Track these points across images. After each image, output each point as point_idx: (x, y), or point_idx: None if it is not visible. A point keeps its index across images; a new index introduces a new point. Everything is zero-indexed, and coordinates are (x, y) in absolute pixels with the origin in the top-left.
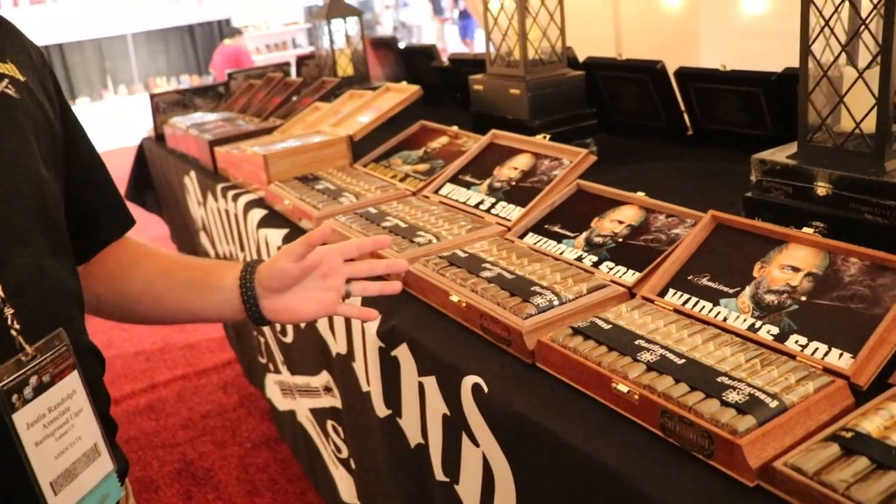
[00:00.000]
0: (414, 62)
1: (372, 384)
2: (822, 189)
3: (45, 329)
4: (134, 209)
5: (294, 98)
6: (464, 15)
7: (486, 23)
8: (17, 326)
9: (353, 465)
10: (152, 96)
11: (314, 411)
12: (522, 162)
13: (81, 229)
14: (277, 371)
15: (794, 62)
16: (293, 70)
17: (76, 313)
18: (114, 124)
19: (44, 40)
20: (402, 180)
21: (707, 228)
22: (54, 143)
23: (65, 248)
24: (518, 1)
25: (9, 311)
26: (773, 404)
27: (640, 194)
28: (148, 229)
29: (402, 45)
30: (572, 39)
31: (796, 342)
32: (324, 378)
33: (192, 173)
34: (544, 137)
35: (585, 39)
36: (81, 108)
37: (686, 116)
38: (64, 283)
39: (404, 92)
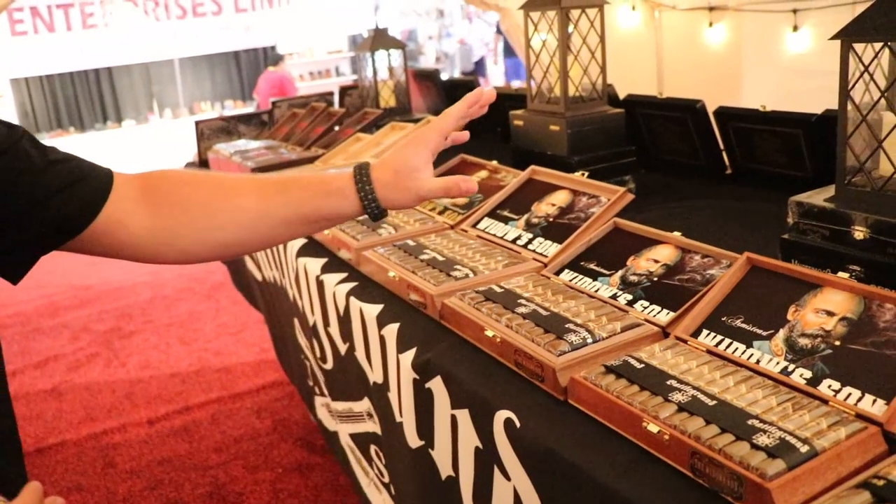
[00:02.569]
0: (456, 95)
1: (405, 415)
2: (859, 233)
3: None
4: None
5: (336, 128)
6: (509, 51)
7: (527, 59)
8: None
9: (392, 491)
10: (197, 123)
11: (355, 436)
12: (560, 198)
13: (47, 213)
14: (323, 394)
15: (837, 101)
16: (336, 99)
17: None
18: (159, 148)
19: (93, 63)
20: (440, 213)
21: (742, 270)
22: None
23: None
24: (560, 39)
25: None
26: (804, 449)
27: (676, 234)
28: None
29: (444, 76)
30: (613, 77)
31: (829, 387)
32: (366, 404)
33: None
34: (582, 175)
35: (627, 76)
36: (127, 132)
37: (725, 155)
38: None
39: None
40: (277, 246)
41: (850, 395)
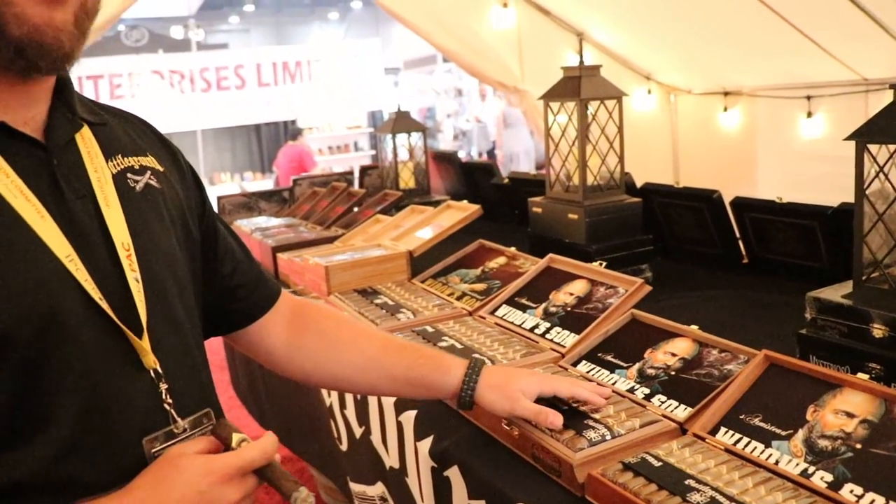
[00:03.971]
0: (474, 177)
1: (426, 500)
2: (878, 331)
3: (192, 407)
4: None
5: (356, 209)
6: None
7: (546, 147)
8: (169, 401)
9: None
10: (220, 198)
11: None
12: (578, 288)
13: (230, 304)
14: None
15: (853, 188)
16: (356, 178)
17: (215, 395)
18: None
19: None
20: (458, 298)
21: (760, 367)
22: (188, 229)
23: (199, 331)
24: (579, 130)
25: (163, 386)
26: None
27: (694, 328)
28: None
29: (461, 155)
30: (629, 159)
31: (851, 492)
32: (380, 488)
33: None
34: (600, 265)
35: (642, 159)
36: None
37: (742, 244)
38: (206, 365)
39: (464, 210)
40: None
41: (873, 501)
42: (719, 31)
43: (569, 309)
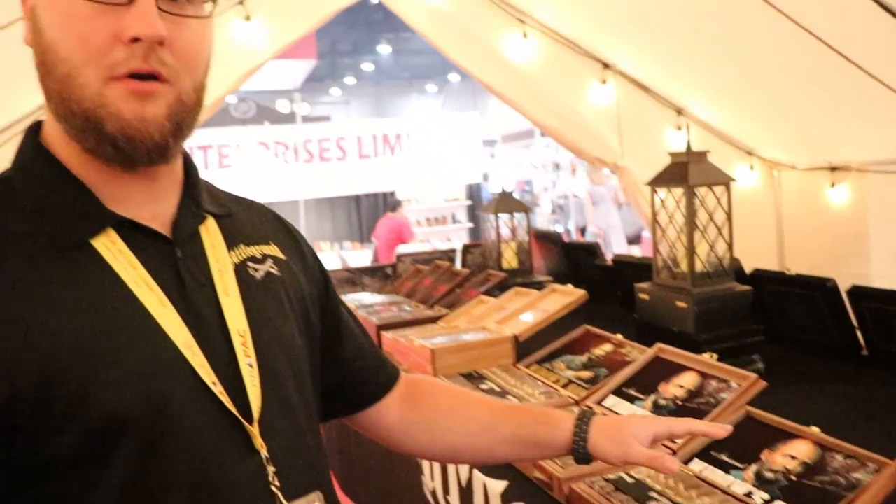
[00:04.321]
0: (576, 258)
1: None
2: None
3: (301, 490)
4: None
5: (458, 290)
6: None
7: (654, 233)
8: (277, 484)
9: None
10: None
11: None
12: (688, 380)
13: (351, 388)
14: None
15: None
16: (458, 255)
17: (328, 478)
18: None
19: None
20: (565, 386)
21: (893, 479)
22: (308, 315)
23: (314, 414)
24: (687, 216)
25: (271, 469)
26: None
27: (815, 429)
28: None
29: (559, 228)
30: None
31: None
32: None
33: None
34: (711, 356)
35: (745, 238)
36: None
37: (860, 335)
38: (319, 448)
39: (570, 295)
40: None
41: None
42: (824, 103)
43: (679, 402)
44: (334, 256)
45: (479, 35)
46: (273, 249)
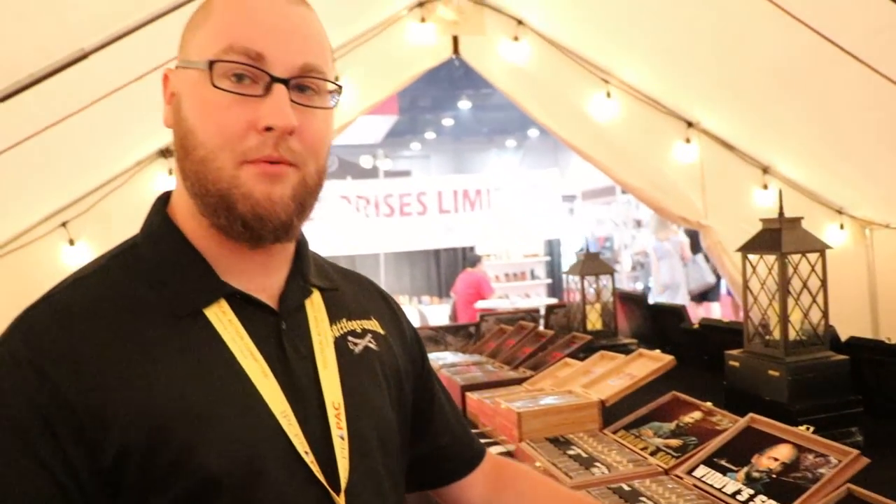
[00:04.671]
0: (661, 320)
1: None
2: None
3: None
4: None
5: (542, 351)
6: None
7: (744, 299)
8: None
9: None
10: None
11: None
12: (783, 453)
13: (438, 462)
14: None
15: None
16: (542, 316)
17: None
18: None
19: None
20: (652, 453)
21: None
22: (402, 389)
23: (399, 484)
24: (780, 284)
25: None
26: None
27: None
28: None
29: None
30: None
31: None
32: None
33: None
34: (807, 429)
35: (836, 301)
36: None
37: None
38: None
39: (657, 361)
40: None
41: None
42: None
43: (774, 476)
44: (413, 311)
45: (561, 93)
46: (374, 324)
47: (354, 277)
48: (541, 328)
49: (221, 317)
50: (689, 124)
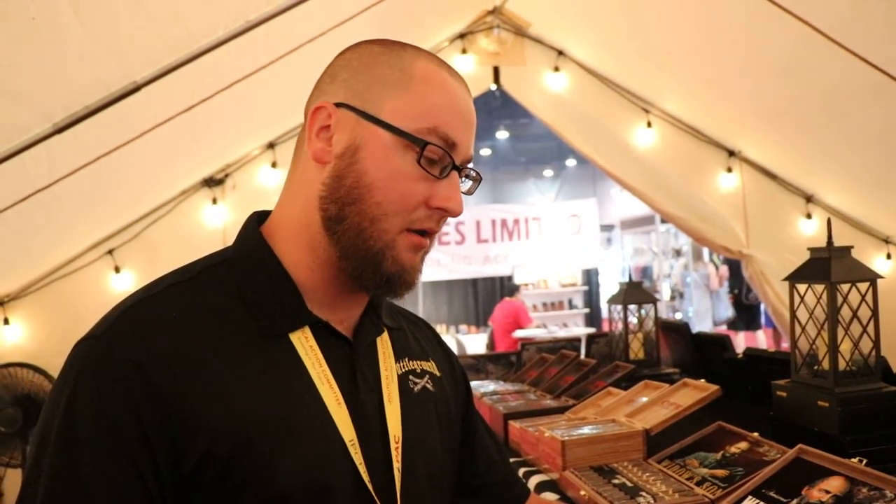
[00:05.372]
0: (704, 350)
1: None
2: None
3: None
4: None
5: (584, 380)
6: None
7: (791, 329)
8: None
9: None
10: None
11: None
12: (835, 485)
13: (481, 500)
14: None
15: None
16: (583, 345)
17: None
18: None
19: None
20: (699, 484)
21: None
22: (452, 430)
23: None
24: (829, 314)
25: None
26: None
27: None
28: None
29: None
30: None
31: None
32: None
33: None
34: (860, 461)
35: (886, 341)
36: None
37: None
38: None
39: (702, 390)
40: None
41: None
42: None
43: None
44: (450, 340)
45: (601, 122)
46: (431, 366)
47: (415, 319)
48: (582, 357)
49: (304, 342)
50: (731, 153)
